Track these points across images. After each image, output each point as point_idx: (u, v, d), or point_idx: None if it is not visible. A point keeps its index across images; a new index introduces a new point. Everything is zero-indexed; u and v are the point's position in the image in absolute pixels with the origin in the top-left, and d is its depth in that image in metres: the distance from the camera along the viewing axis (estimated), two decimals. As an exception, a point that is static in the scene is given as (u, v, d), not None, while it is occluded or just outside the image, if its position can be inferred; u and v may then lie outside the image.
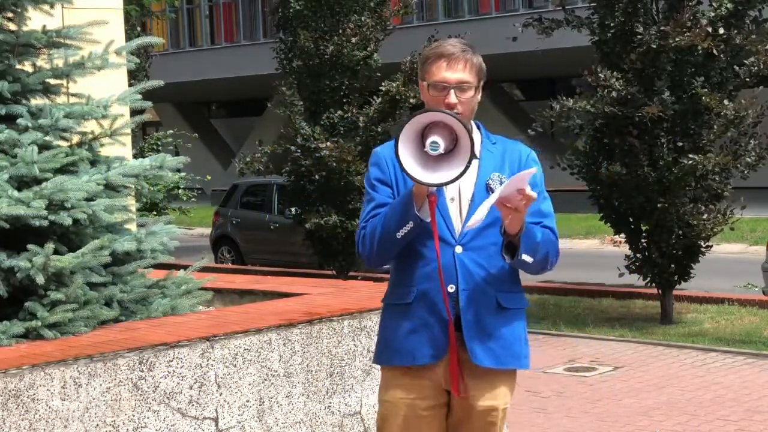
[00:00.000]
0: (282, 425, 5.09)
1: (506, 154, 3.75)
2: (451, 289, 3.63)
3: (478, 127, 3.80)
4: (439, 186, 3.49)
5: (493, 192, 3.60)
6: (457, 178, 3.44)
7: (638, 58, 11.03)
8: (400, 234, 3.58)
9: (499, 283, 3.68)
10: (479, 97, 3.73)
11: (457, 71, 3.64)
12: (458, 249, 3.65)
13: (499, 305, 3.68)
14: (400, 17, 15.66)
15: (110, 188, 5.48)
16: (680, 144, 11.22)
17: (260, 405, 5.01)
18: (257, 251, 18.46)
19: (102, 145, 5.73)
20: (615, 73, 11.11)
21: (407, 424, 3.73)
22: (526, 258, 3.61)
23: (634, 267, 11.70)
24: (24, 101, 5.67)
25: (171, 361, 4.72)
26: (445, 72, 3.64)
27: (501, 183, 3.62)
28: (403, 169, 3.45)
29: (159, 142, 22.39)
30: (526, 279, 4.03)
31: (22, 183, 5.20)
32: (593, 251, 19.88)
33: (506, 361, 3.70)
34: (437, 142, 3.40)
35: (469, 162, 3.40)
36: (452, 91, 3.62)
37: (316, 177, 13.82)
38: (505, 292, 3.70)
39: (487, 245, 3.65)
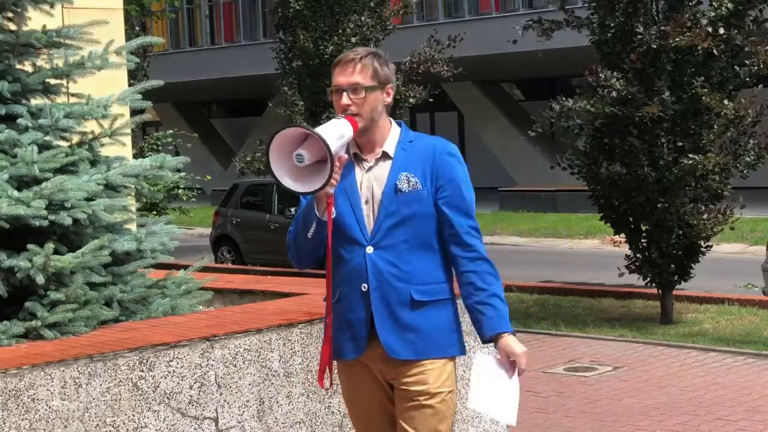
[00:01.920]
0: (282, 425, 5.09)
1: (420, 151, 3.89)
2: (364, 288, 3.82)
3: (399, 125, 3.96)
4: (305, 194, 3.74)
5: (401, 192, 3.80)
6: (320, 188, 3.65)
7: (638, 58, 11.03)
8: (309, 234, 3.83)
9: (411, 277, 3.83)
10: (384, 98, 3.88)
11: (348, 74, 3.86)
12: (369, 249, 3.84)
13: (412, 299, 3.82)
14: (400, 17, 15.68)
15: (110, 188, 5.48)
16: (680, 144, 11.22)
17: (260, 405, 5.01)
18: (257, 251, 18.44)
19: (102, 145, 5.73)
20: (615, 73, 11.11)
21: (357, 410, 4.01)
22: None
23: (634, 267, 11.70)
24: (24, 101, 5.67)
25: (171, 361, 4.72)
26: (339, 76, 3.87)
27: (408, 182, 3.82)
28: (273, 177, 3.67)
29: (159, 142, 22.40)
30: (526, 279, 4.04)
31: (22, 183, 5.20)
32: (593, 251, 19.86)
33: (426, 352, 3.84)
34: (302, 154, 3.63)
35: (329, 175, 3.60)
36: (344, 93, 3.83)
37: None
38: (419, 285, 3.84)
39: (397, 243, 3.83)
